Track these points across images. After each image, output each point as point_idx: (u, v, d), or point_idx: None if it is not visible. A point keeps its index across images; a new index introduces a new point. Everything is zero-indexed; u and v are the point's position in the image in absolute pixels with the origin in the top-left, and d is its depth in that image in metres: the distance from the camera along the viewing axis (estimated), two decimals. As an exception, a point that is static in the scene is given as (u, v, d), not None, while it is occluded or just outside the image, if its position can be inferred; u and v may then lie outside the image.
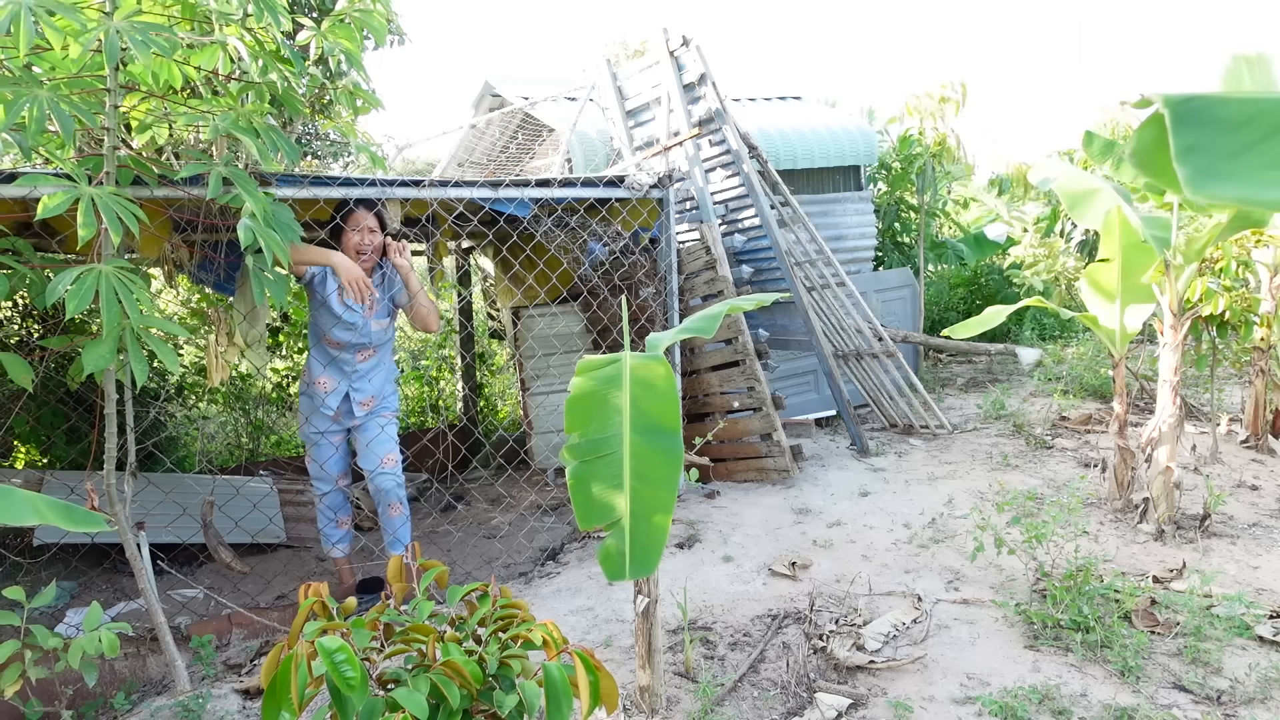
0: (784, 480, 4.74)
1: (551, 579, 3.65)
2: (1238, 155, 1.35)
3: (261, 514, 4.39)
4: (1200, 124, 1.38)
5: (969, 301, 9.90)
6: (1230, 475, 4.61)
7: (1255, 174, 1.33)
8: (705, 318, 2.15)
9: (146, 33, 2.20)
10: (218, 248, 3.51)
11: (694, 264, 4.97)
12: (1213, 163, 1.35)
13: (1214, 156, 1.36)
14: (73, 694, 2.70)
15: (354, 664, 1.49)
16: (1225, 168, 1.35)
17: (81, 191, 2.22)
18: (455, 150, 7.81)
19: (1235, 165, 1.35)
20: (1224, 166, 1.35)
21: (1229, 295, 4.63)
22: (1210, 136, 1.37)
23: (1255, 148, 1.35)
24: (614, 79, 5.90)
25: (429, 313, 3.43)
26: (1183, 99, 1.41)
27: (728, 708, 2.50)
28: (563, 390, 5.39)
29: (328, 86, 3.04)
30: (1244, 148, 1.36)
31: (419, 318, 3.43)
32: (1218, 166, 1.35)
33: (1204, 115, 1.38)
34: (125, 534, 2.57)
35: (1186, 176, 1.34)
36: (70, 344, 2.94)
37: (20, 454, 5.11)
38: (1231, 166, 1.35)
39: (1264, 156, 1.35)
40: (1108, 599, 2.99)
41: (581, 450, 1.91)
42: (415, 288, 3.37)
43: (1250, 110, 1.38)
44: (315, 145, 7.18)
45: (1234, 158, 1.35)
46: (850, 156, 6.81)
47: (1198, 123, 1.38)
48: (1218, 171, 1.35)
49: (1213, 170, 1.35)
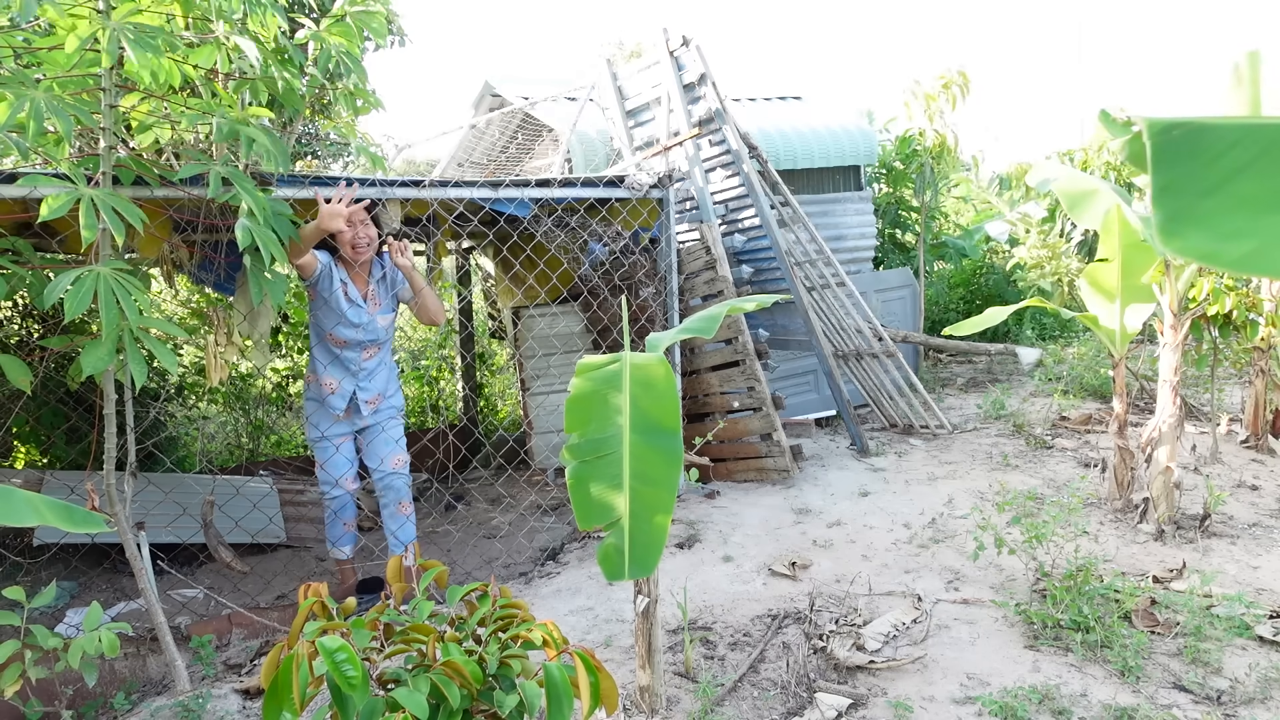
0: (784, 480, 4.74)
1: (551, 579, 3.65)
2: (1211, 193, 1.18)
3: (261, 514, 4.39)
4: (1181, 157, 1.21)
5: (969, 301, 9.89)
6: (1230, 475, 4.61)
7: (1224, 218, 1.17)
8: (705, 318, 2.15)
9: (142, 33, 2.20)
10: (218, 248, 3.52)
11: (694, 264, 4.97)
12: (1187, 204, 1.18)
13: (1189, 196, 1.19)
14: (73, 694, 2.70)
15: (355, 663, 1.49)
16: (1197, 210, 1.18)
17: (82, 193, 2.22)
18: (455, 150, 7.81)
19: (1206, 206, 1.18)
20: (1196, 208, 1.18)
21: (1235, 294, 4.62)
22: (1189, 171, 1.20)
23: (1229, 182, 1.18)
24: (614, 79, 5.90)
25: (436, 306, 3.51)
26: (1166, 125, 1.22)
27: (728, 708, 2.50)
28: (563, 390, 5.39)
29: (328, 87, 3.04)
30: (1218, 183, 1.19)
31: (426, 311, 3.49)
32: (1191, 208, 1.18)
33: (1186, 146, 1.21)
34: (125, 534, 2.57)
35: (1160, 223, 1.18)
36: (70, 344, 2.94)
37: (20, 454, 5.11)
38: (1203, 208, 1.18)
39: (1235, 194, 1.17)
40: (1108, 599, 2.99)
41: (581, 450, 1.91)
42: (421, 284, 3.43)
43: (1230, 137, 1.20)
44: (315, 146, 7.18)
45: (1207, 196, 1.18)
46: (850, 156, 6.81)
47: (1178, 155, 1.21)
48: (1189, 215, 1.18)
49: (1186, 214, 1.18)
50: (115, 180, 2.57)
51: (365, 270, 3.41)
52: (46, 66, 2.40)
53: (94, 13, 2.26)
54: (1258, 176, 1.16)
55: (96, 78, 2.37)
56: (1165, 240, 1.17)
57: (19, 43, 2.40)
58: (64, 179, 2.44)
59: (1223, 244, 1.16)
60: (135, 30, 2.20)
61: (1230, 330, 4.90)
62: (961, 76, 7.34)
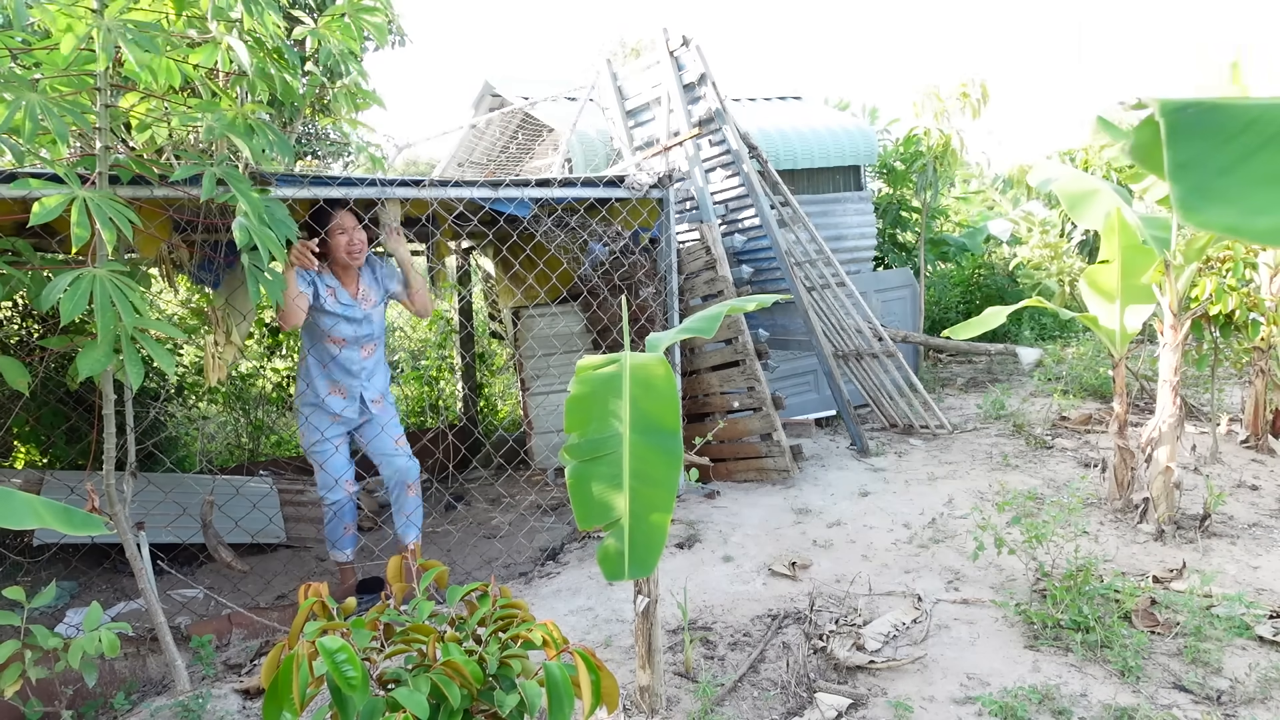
0: (784, 480, 4.74)
1: (551, 579, 3.65)
2: (1229, 170, 1.21)
3: (261, 514, 4.39)
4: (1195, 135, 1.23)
5: (969, 301, 9.89)
6: (1230, 475, 4.61)
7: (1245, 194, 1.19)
8: (705, 318, 2.15)
9: (138, 30, 2.20)
10: (217, 247, 3.51)
11: (694, 264, 4.97)
12: (1205, 180, 1.21)
13: (1206, 173, 1.21)
14: (73, 694, 2.70)
15: (355, 664, 1.49)
16: (1217, 185, 1.20)
17: (75, 195, 2.22)
18: (455, 150, 7.81)
19: (1227, 183, 1.20)
20: (1216, 184, 1.20)
21: (1238, 294, 4.62)
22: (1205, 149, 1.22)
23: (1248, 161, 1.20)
24: (614, 79, 5.90)
25: (425, 301, 3.62)
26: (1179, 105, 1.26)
27: (728, 708, 2.50)
28: (563, 390, 5.39)
29: (327, 86, 3.04)
30: (1236, 161, 1.21)
31: (420, 301, 3.58)
32: (1209, 184, 1.20)
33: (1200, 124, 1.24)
34: (125, 534, 2.57)
35: (1179, 197, 1.21)
36: (69, 344, 2.94)
37: (20, 454, 5.10)
38: (1223, 184, 1.20)
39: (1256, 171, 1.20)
40: (1108, 599, 2.99)
41: (581, 450, 1.91)
42: (413, 275, 3.51)
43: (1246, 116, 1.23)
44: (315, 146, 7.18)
45: (1226, 173, 1.21)
46: (850, 156, 6.81)
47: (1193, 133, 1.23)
48: (1209, 191, 1.20)
49: (1204, 189, 1.20)
50: (114, 180, 2.56)
51: (354, 272, 3.42)
52: (44, 67, 2.40)
53: (89, 12, 2.26)
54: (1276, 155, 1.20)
55: (93, 77, 2.37)
56: (1185, 215, 1.21)
57: (16, 44, 2.39)
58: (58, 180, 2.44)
59: (1246, 218, 1.18)
60: (132, 28, 2.20)
61: (1231, 330, 4.90)
62: (982, 89, 7.37)
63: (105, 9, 2.26)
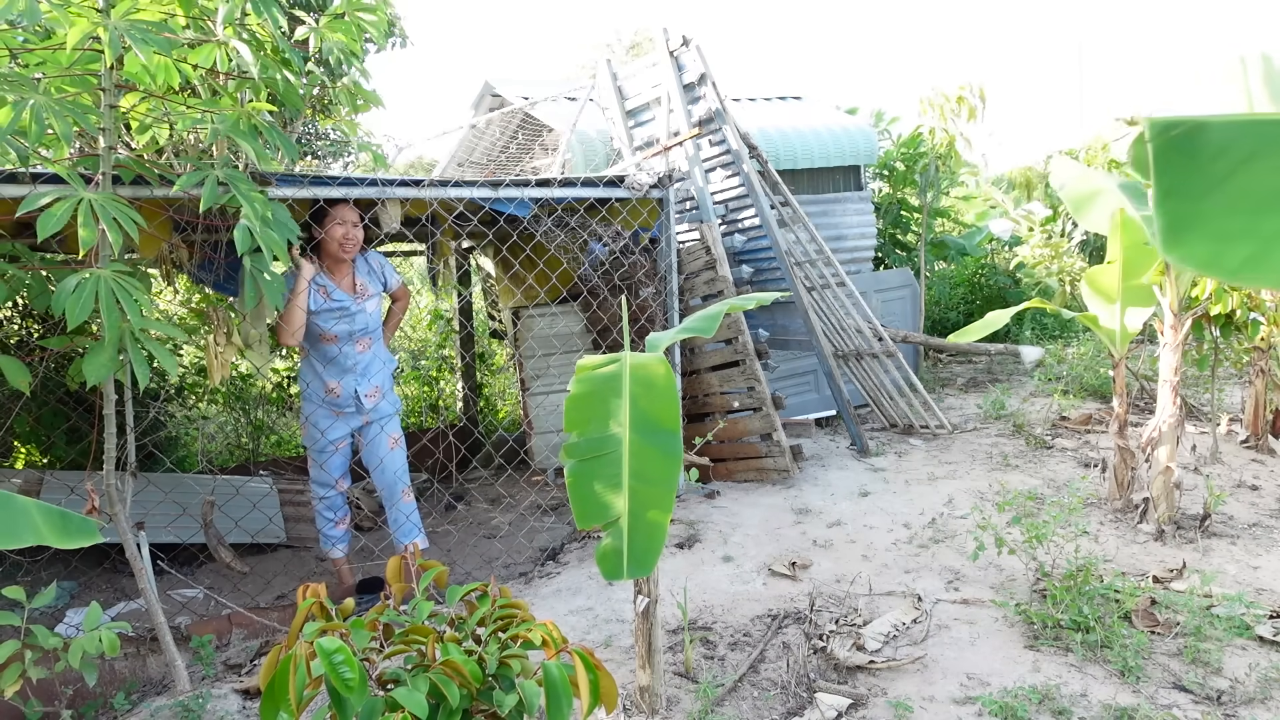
0: (784, 480, 4.74)
1: (551, 579, 3.65)
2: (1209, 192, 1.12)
3: (261, 514, 4.39)
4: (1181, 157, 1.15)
5: (970, 301, 9.89)
6: (1230, 475, 4.60)
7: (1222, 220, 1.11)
8: (705, 317, 2.15)
9: (145, 30, 2.20)
10: (218, 248, 3.51)
11: (694, 264, 4.97)
12: (1188, 208, 1.12)
13: (1189, 199, 1.13)
14: (73, 694, 2.70)
15: (352, 665, 1.49)
16: (1197, 212, 1.12)
17: (80, 196, 2.22)
18: (455, 150, 7.81)
19: (1206, 207, 1.12)
20: (1196, 211, 1.12)
21: (1238, 294, 4.62)
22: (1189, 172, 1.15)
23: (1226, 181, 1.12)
24: (614, 79, 5.90)
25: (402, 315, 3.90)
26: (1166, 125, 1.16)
27: (728, 708, 2.50)
28: (563, 390, 5.38)
29: (328, 86, 3.04)
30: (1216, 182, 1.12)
31: (396, 314, 3.81)
32: (1191, 212, 1.12)
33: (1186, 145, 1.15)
34: (125, 534, 2.57)
35: (1161, 229, 1.13)
36: (70, 344, 2.94)
37: (20, 454, 5.10)
38: (1203, 210, 1.12)
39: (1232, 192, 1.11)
40: (1108, 599, 2.98)
41: (581, 450, 1.91)
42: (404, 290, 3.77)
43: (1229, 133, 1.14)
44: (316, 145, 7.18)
45: (1206, 195, 1.13)
46: (850, 156, 6.81)
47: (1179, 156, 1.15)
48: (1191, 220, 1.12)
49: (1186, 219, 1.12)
50: (116, 180, 2.56)
51: (347, 267, 3.42)
52: (47, 67, 2.40)
53: (94, 11, 2.26)
54: (1257, 172, 1.13)
55: (96, 77, 2.37)
56: (1167, 248, 1.14)
57: (18, 43, 2.39)
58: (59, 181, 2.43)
59: (1222, 248, 1.12)
60: (137, 27, 2.20)
61: (1232, 330, 4.89)
62: (980, 94, 7.39)
63: (111, 9, 2.26)
